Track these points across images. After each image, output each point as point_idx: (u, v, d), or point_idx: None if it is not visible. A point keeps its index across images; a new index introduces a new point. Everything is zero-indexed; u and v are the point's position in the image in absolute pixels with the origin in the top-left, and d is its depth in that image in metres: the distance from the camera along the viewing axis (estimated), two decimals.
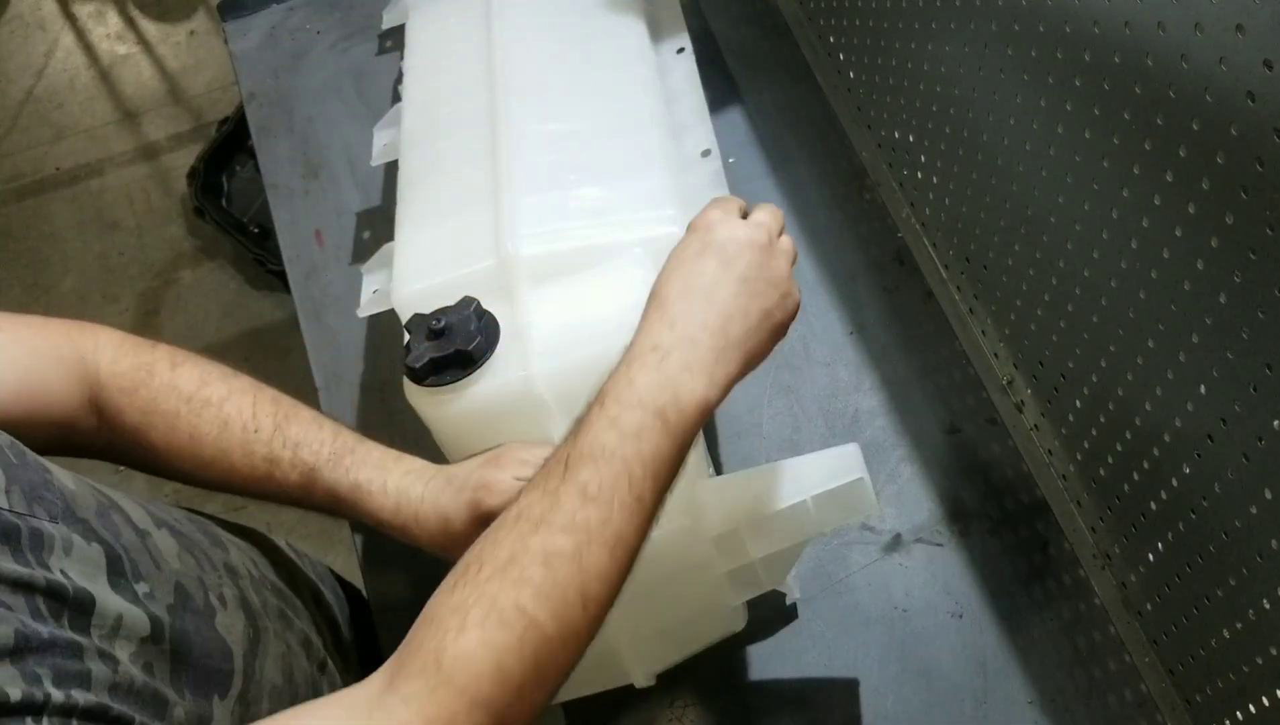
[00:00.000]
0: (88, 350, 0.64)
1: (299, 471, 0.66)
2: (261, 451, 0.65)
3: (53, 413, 0.61)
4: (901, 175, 1.02)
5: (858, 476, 0.66)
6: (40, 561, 0.46)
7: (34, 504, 0.49)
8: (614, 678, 0.77)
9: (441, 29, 0.98)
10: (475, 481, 0.64)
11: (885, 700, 0.81)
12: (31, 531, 0.46)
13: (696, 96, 0.92)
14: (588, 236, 0.76)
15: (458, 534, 0.64)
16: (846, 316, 0.99)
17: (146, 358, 0.66)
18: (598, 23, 0.94)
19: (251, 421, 0.66)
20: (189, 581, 0.57)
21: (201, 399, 0.65)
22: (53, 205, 2.46)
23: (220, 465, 0.66)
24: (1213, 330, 0.61)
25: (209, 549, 0.63)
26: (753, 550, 0.69)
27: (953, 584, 0.85)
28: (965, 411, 0.93)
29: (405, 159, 0.89)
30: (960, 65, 0.83)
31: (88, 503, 0.53)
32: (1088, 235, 0.72)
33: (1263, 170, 0.53)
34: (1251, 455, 0.61)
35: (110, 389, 0.64)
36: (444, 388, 0.70)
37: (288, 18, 1.29)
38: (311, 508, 0.68)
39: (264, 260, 2.10)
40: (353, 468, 0.67)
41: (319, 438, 0.67)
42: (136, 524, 0.56)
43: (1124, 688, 0.81)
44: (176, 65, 2.64)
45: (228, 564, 0.63)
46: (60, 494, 0.51)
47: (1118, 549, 0.81)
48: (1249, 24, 0.51)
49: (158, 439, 0.65)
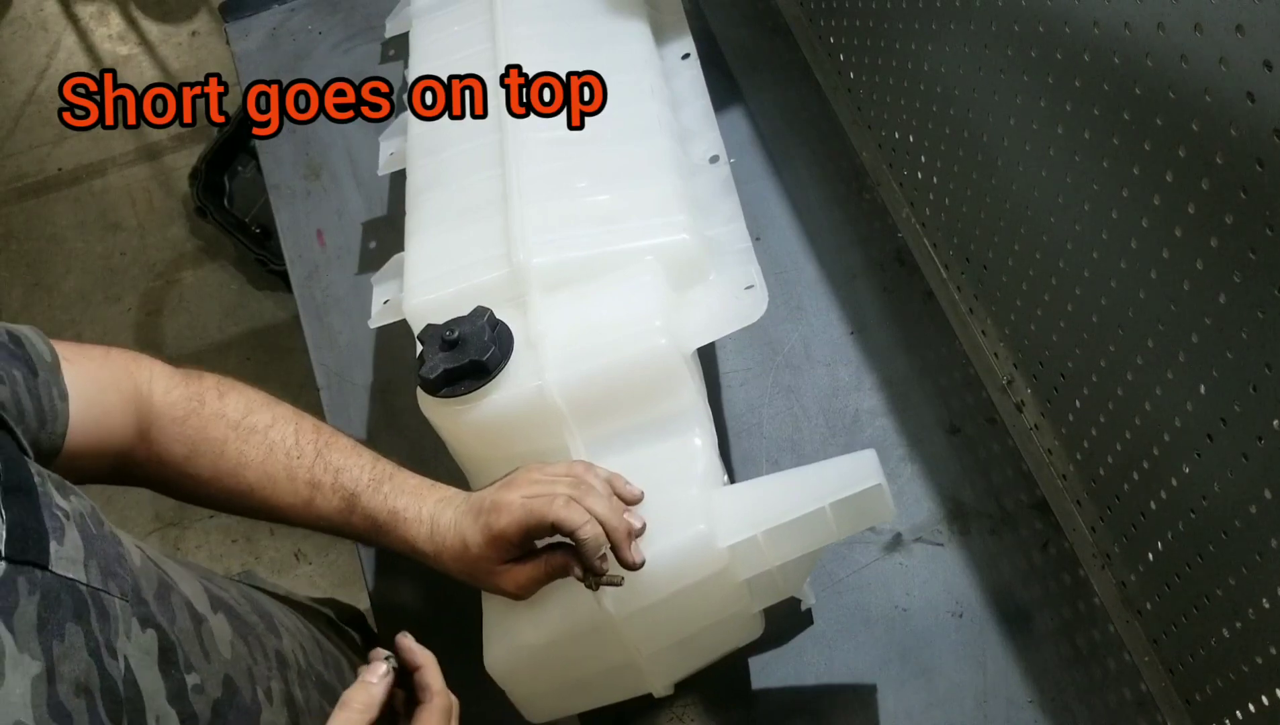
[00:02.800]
0: (143, 381, 0.66)
1: (340, 496, 0.68)
2: (304, 476, 0.67)
3: (113, 443, 0.63)
4: (901, 175, 1.02)
5: (876, 482, 0.66)
6: (109, 645, 0.46)
7: (108, 579, 0.49)
8: (633, 688, 0.77)
9: (445, 37, 0.98)
10: (489, 504, 0.65)
11: (886, 699, 0.81)
12: (100, 611, 0.47)
13: (703, 102, 0.92)
14: (599, 244, 0.76)
15: (475, 557, 0.65)
16: (847, 316, 0.99)
17: (196, 388, 0.68)
18: (603, 29, 0.94)
19: (295, 448, 0.68)
20: (239, 674, 0.57)
21: (248, 426, 0.67)
22: (55, 206, 2.47)
23: (264, 491, 0.67)
24: (1212, 330, 0.62)
25: (263, 634, 0.63)
26: (771, 558, 0.68)
27: (953, 583, 0.85)
28: (965, 411, 0.93)
29: (413, 168, 0.89)
30: (960, 65, 0.83)
31: (149, 581, 0.53)
32: (1087, 235, 0.73)
33: (1262, 170, 0.53)
34: (1251, 455, 0.61)
35: (164, 419, 0.66)
36: (459, 399, 0.70)
37: (289, 19, 1.29)
38: (348, 533, 0.70)
39: (265, 260, 2.10)
40: (390, 494, 0.68)
41: (359, 464, 0.69)
42: (194, 607, 0.56)
43: (1124, 687, 0.81)
44: (178, 66, 2.64)
45: (279, 653, 0.64)
46: (130, 571, 0.51)
47: (1118, 548, 0.81)
48: (1249, 24, 0.51)
49: (205, 466, 0.66)
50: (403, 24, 1.06)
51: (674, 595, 0.68)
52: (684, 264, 0.77)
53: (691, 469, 0.72)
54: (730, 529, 0.68)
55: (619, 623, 0.68)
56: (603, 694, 0.77)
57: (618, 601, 0.67)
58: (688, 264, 0.77)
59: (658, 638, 0.72)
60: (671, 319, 0.73)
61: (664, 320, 0.72)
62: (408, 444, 0.97)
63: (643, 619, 0.69)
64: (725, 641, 0.78)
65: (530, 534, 0.63)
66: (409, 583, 0.91)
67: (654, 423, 0.73)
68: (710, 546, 0.67)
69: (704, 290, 0.78)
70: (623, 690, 0.77)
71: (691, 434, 0.73)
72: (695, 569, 0.68)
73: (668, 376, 0.72)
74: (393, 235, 1.08)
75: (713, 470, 0.73)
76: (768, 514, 0.68)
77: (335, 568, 1.91)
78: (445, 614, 0.64)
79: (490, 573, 0.65)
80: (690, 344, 0.75)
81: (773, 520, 0.67)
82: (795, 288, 1.01)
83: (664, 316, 0.73)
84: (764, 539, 0.67)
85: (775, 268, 1.02)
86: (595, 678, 0.74)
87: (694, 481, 0.71)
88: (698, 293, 0.78)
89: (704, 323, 0.76)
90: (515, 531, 0.63)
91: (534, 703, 0.74)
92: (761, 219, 1.05)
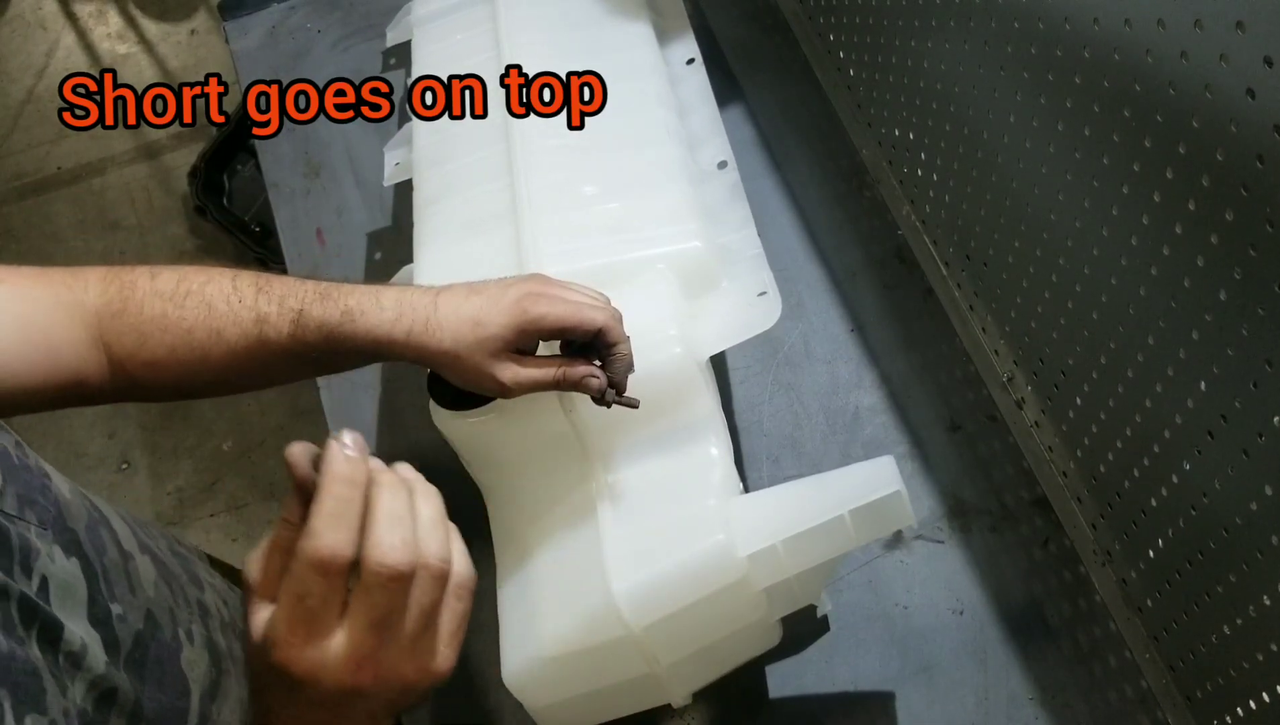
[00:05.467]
0: (80, 290, 0.64)
1: (288, 320, 0.64)
2: (249, 316, 0.64)
3: (62, 359, 0.61)
4: (901, 172, 1.02)
5: (895, 489, 0.66)
6: (25, 566, 0.46)
7: (26, 508, 0.49)
8: (652, 699, 0.77)
9: (448, 45, 0.97)
10: (524, 290, 0.64)
11: (886, 696, 0.81)
12: (20, 536, 0.47)
13: (710, 108, 0.92)
14: (611, 253, 0.76)
15: (486, 337, 0.62)
16: (847, 314, 0.99)
17: (128, 277, 0.65)
18: (607, 36, 0.94)
19: (234, 293, 0.65)
20: (160, 612, 0.57)
21: (183, 292, 0.65)
22: (54, 204, 2.47)
23: (218, 350, 0.64)
24: (1213, 327, 0.62)
25: (185, 585, 0.63)
26: (790, 566, 0.68)
27: (954, 580, 0.85)
28: (965, 408, 0.93)
29: (421, 179, 0.88)
30: (960, 63, 0.83)
31: (80, 514, 0.53)
32: (1087, 232, 0.72)
33: (1262, 167, 0.53)
34: (1252, 452, 0.61)
35: (105, 317, 0.64)
36: (473, 412, 0.70)
37: (288, 17, 1.29)
38: (310, 361, 0.66)
39: (265, 259, 2.10)
40: (341, 298, 0.65)
41: (302, 287, 0.66)
42: (123, 545, 0.57)
43: (1124, 684, 0.81)
44: (177, 64, 2.64)
45: (201, 602, 0.64)
46: (55, 502, 0.51)
47: (1118, 545, 0.81)
48: (1249, 21, 0.51)
49: (156, 347, 0.64)
50: (404, 33, 1.05)
51: (693, 605, 0.68)
52: (696, 272, 0.77)
53: (709, 479, 0.72)
54: (749, 538, 0.68)
55: (638, 633, 0.67)
56: (621, 705, 0.77)
57: (637, 612, 0.67)
58: (700, 272, 0.77)
59: (677, 648, 0.71)
60: (686, 327, 0.73)
61: (679, 329, 0.72)
62: (408, 444, 0.97)
63: (662, 629, 0.68)
64: (744, 650, 0.78)
65: (564, 332, 0.63)
66: None
67: (670, 432, 0.73)
68: (729, 556, 0.67)
69: (717, 298, 0.78)
70: (641, 701, 0.77)
71: (708, 443, 0.73)
72: (714, 579, 0.68)
73: (684, 385, 0.72)
74: (398, 246, 1.08)
75: (730, 479, 0.73)
76: (786, 523, 0.67)
77: None
78: None
79: (490, 357, 0.63)
80: (705, 352, 0.75)
81: (791, 529, 0.67)
82: (795, 285, 1.01)
83: (679, 325, 0.72)
84: (783, 548, 0.67)
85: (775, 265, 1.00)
86: (614, 689, 0.73)
87: (711, 491, 0.71)
88: (710, 300, 0.77)
89: (717, 330, 0.76)
90: (552, 323, 0.62)
91: (552, 716, 0.74)
92: (761, 217, 1.04)
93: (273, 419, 2.09)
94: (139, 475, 2.07)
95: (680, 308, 0.74)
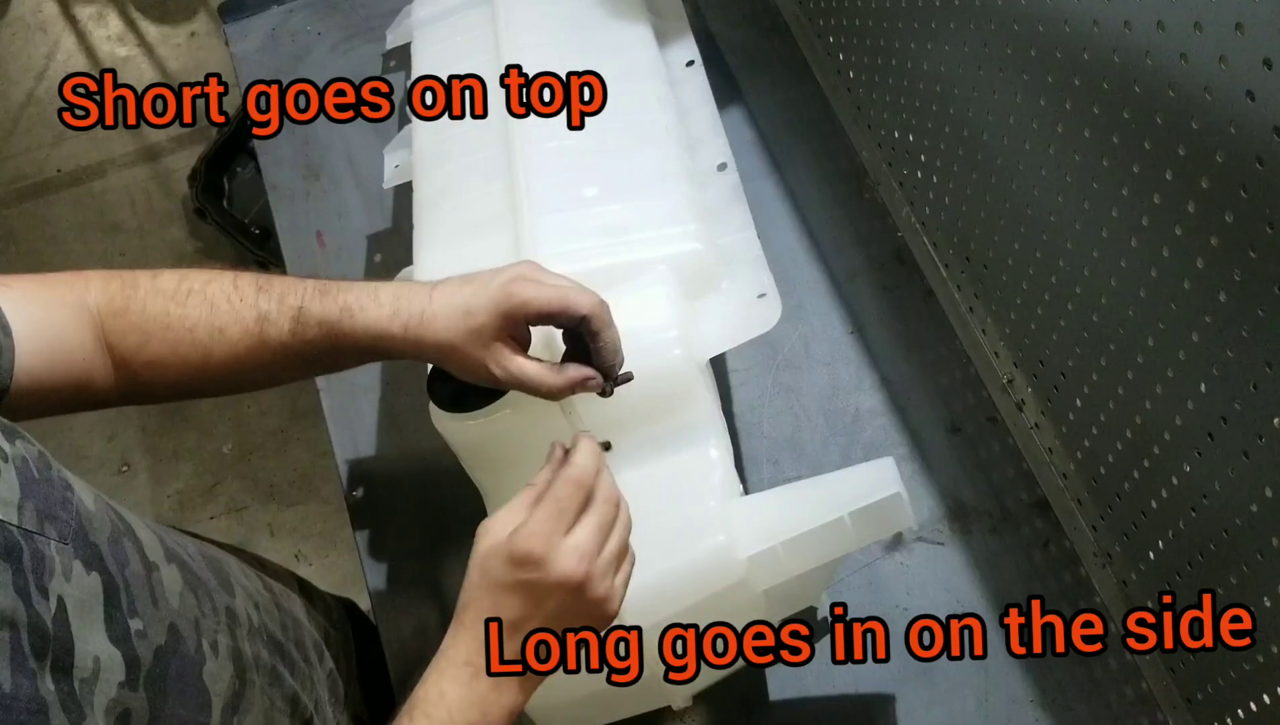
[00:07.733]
0: (83, 291, 0.65)
1: (288, 317, 0.66)
2: (250, 314, 0.66)
3: (71, 362, 0.62)
4: (901, 174, 1.02)
5: (895, 491, 0.66)
6: (40, 587, 0.46)
7: (45, 523, 0.48)
8: (653, 700, 0.77)
9: (448, 47, 0.97)
10: (510, 275, 0.65)
11: (887, 699, 0.81)
12: (34, 553, 0.46)
13: (710, 110, 0.92)
14: (611, 255, 0.76)
15: (477, 326, 0.64)
16: (847, 316, 0.99)
17: (130, 277, 0.66)
18: (607, 37, 0.94)
19: (234, 292, 0.66)
20: (184, 624, 0.56)
21: (185, 291, 0.66)
22: (54, 207, 2.47)
23: (221, 348, 0.65)
24: (1213, 328, 0.62)
25: (214, 591, 0.63)
26: (790, 568, 0.68)
27: (954, 582, 0.85)
28: (966, 410, 0.93)
29: (420, 181, 0.88)
30: (960, 64, 0.83)
31: (103, 527, 0.53)
32: (1087, 234, 0.72)
33: (1262, 168, 0.53)
34: (1252, 453, 0.61)
35: (107, 316, 0.65)
36: (472, 414, 0.70)
37: (288, 19, 1.29)
38: (311, 358, 0.68)
39: (265, 261, 2.10)
40: (339, 294, 0.66)
41: (301, 285, 0.67)
42: (147, 555, 0.56)
43: (1125, 685, 0.81)
44: (177, 67, 2.64)
45: (229, 609, 0.64)
46: (76, 515, 0.51)
47: (1119, 547, 0.81)
48: (1248, 23, 0.51)
49: (159, 346, 0.65)
50: (404, 35, 1.05)
51: (694, 607, 0.68)
52: (696, 273, 0.77)
53: (709, 480, 0.72)
54: (749, 540, 0.68)
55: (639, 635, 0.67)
56: (622, 706, 0.77)
57: (638, 613, 0.67)
58: (700, 273, 0.77)
59: None
60: (686, 329, 0.73)
61: (679, 330, 0.72)
62: (408, 444, 0.97)
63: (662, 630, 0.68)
64: None
65: (550, 318, 0.64)
66: (410, 583, 0.91)
67: (670, 434, 0.73)
68: (729, 558, 0.67)
69: (716, 299, 0.78)
70: (642, 703, 0.77)
71: (708, 445, 0.73)
72: (715, 580, 0.68)
73: (684, 387, 0.72)
74: (397, 248, 1.08)
75: (729, 481, 0.73)
76: (786, 524, 0.68)
77: (336, 568, 1.91)
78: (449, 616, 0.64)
79: (483, 346, 0.64)
80: (705, 354, 0.75)
81: (792, 530, 0.67)
82: (795, 287, 1.01)
83: (679, 327, 0.72)
84: (783, 549, 0.67)
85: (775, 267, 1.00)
86: (615, 690, 0.72)
87: (711, 493, 0.71)
88: (710, 302, 0.77)
89: (718, 332, 0.76)
90: (538, 307, 0.63)
91: (553, 717, 0.74)
92: (761, 219, 1.04)
93: (273, 422, 2.09)
94: (139, 478, 2.07)
95: (680, 309, 0.74)
